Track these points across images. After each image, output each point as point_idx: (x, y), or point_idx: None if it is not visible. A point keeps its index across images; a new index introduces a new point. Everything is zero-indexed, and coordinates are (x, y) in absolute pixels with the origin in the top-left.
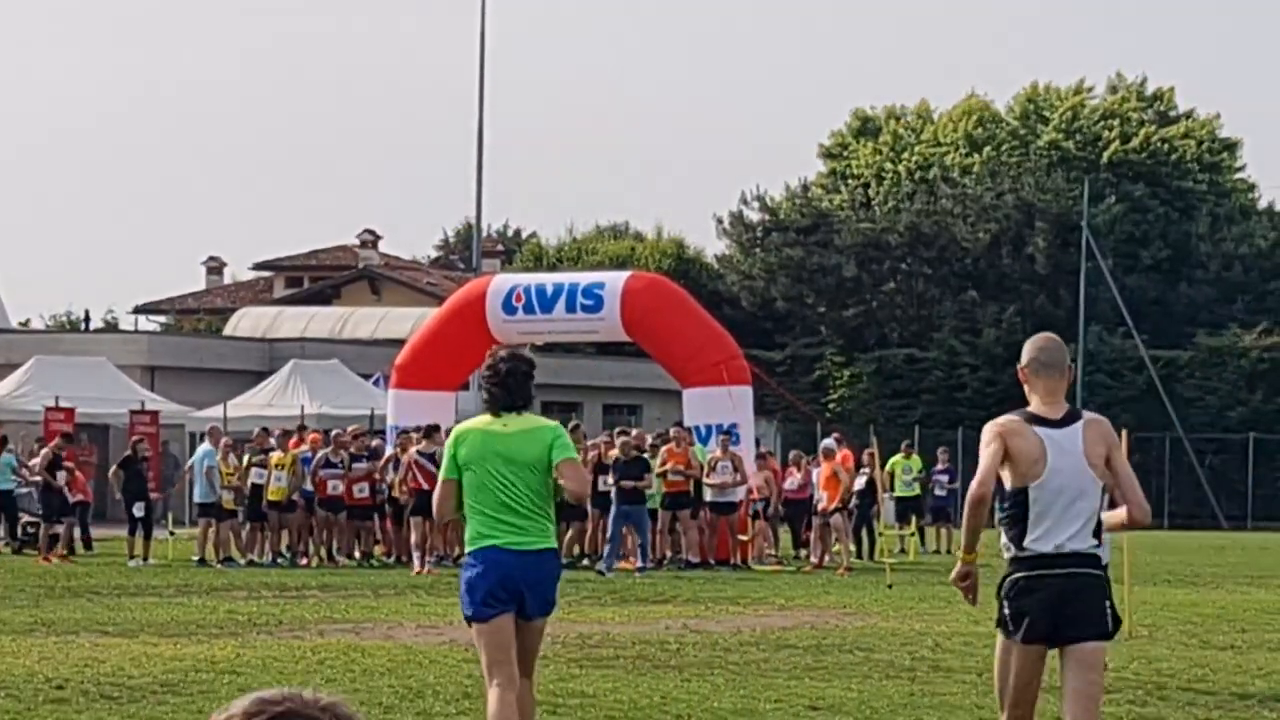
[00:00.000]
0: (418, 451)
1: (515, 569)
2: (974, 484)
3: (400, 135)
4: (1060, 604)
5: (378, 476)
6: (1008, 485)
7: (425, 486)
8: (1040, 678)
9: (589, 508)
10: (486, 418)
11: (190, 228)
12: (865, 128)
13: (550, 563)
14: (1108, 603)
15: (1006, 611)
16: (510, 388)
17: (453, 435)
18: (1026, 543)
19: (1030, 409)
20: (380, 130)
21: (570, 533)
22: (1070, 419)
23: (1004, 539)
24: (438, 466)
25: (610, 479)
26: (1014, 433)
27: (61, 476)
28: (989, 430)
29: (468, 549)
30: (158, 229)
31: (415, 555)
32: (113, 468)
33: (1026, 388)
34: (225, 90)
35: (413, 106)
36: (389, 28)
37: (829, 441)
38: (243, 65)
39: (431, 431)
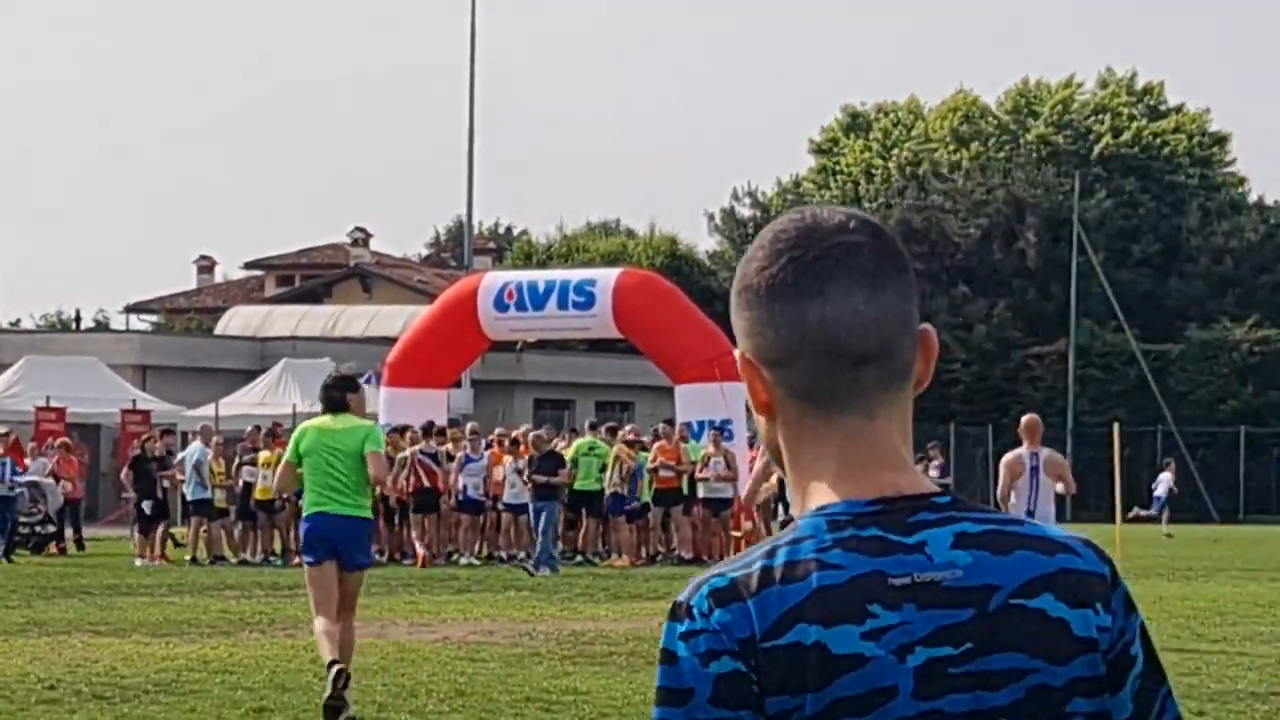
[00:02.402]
0: (421, 451)
1: (335, 528)
2: None
3: (391, 133)
4: None
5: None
6: None
7: (427, 484)
8: None
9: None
10: (324, 418)
11: (181, 227)
12: (855, 124)
13: (361, 526)
14: None
15: None
16: (335, 398)
17: (298, 430)
18: None
19: None
20: (371, 129)
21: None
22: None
23: None
24: (438, 464)
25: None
26: None
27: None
28: None
29: (304, 513)
30: (149, 228)
31: (418, 546)
32: (124, 468)
33: None
34: (217, 89)
35: (403, 105)
36: (380, 26)
37: None
38: (234, 65)
39: (430, 429)
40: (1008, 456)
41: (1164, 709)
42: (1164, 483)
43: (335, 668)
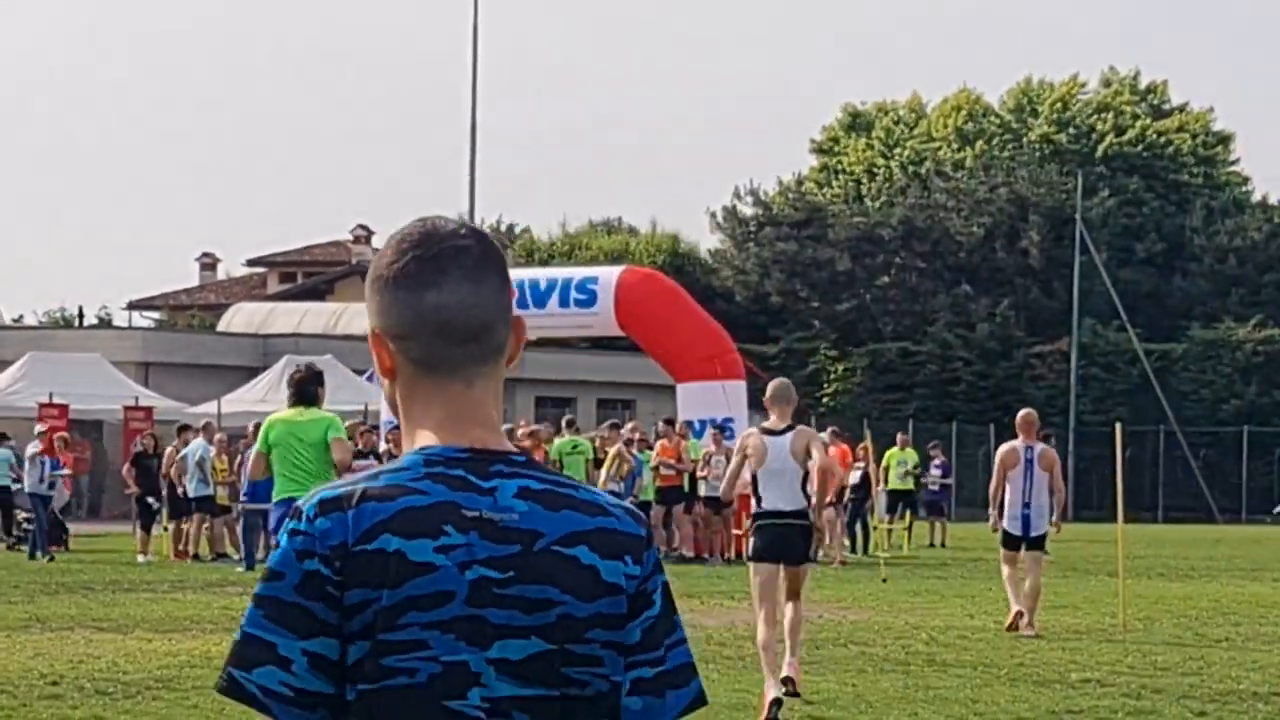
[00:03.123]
0: None
1: None
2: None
3: (393, 130)
4: (778, 540)
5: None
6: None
7: None
8: (774, 585)
9: None
10: (290, 410)
11: (184, 224)
12: (855, 123)
13: None
14: (807, 537)
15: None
16: (310, 391)
17: (265, 423)
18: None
19: (766, 424)
20: (373, 125)
21: None
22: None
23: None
24: None
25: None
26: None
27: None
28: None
29: (274, 499)
30: (151, 225)
31: None
32: (125, 464)
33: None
34: (219, 86)
35: (406, 101)
36: (381, 22)
37: (823, 435)
38: (236, 61)
39: None
40: (1002, 448)
41: (673, 654)
42: None
43: None
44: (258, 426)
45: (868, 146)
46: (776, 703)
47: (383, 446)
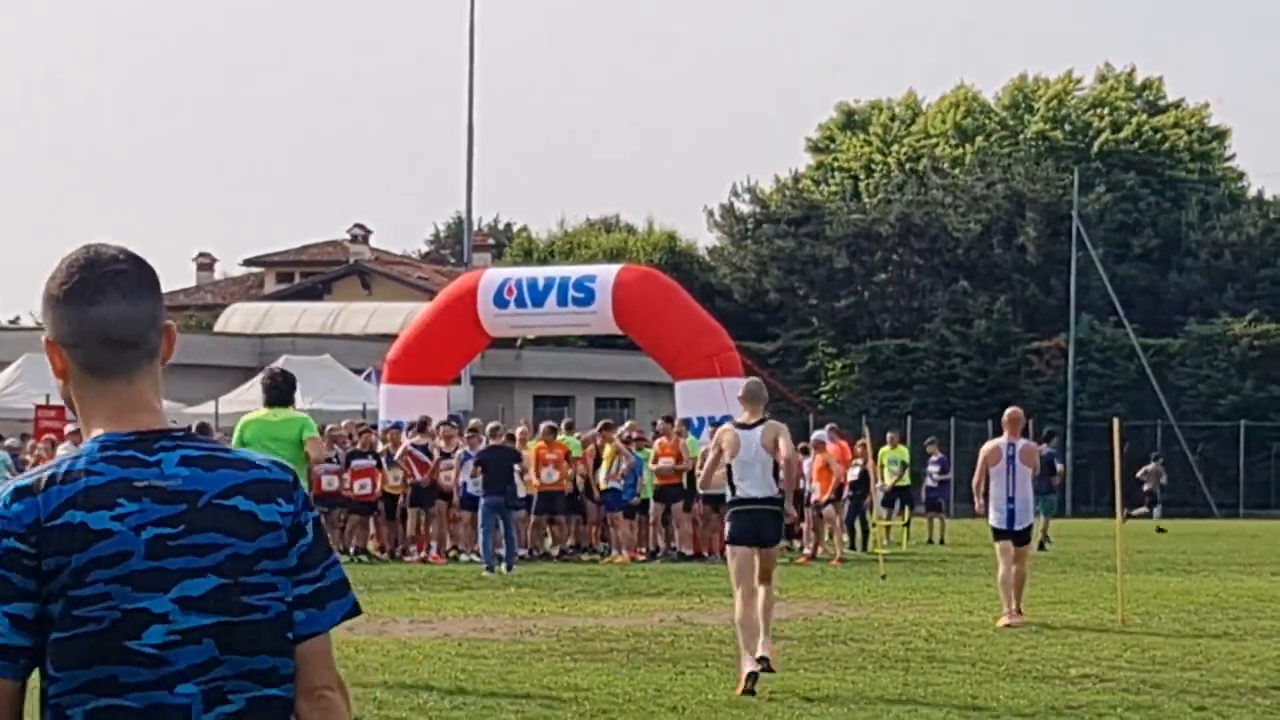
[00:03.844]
0: (412, 444)
1: None
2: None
3: (390, 130)
4: (753, 525)
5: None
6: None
7: (417, 477)
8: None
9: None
10: (263, 410)
11: (180, 224)
12: (850, 121)
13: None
14: (779, 522)
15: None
16: (284, 394)
17: (240, 423)
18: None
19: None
20: (370, 125)
21: (553, 527)
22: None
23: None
24: (430, 457)
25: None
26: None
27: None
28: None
29: None
30: (148, 226)
31: (416, 544)
32: None
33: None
34: (216, 87)
35: (403, 101)
36: (378, 22)
37: (819, 433)
38: (233, 62)
39: (424, 424)
40: (986, 445)
41: (329, 573)
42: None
43: None
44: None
45: (864, 144)
46: (752, 676)
47: (380, 447)
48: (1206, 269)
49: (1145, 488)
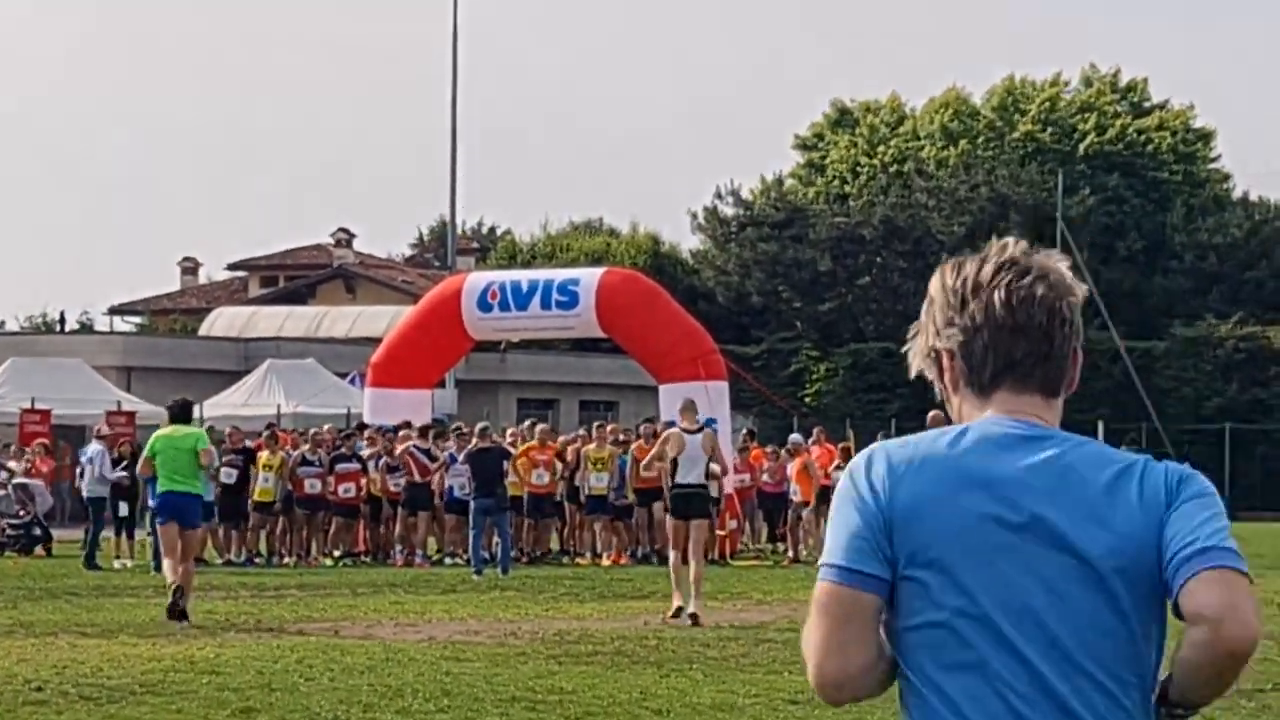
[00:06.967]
0: (414, 445)
1: (177, 501)
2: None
3: (374, 134)
4: (688, 503)
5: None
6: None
7: (418, 479)
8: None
9: (566, 504)
10: (170, 427)
11: (165, 228)
12: (843, 119)
13: (194, 499)
14: (705, 502)
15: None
16: (180, 414)
17: (153, 437)
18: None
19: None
20: (354, 129)
21: (536, 530)
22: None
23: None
24: (431, 460)
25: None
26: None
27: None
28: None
29: (158, 491)
30: (132, 230)
31: (405, 546)
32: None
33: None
34: (199, 90)
35: (386, 105)
36: (361, 25)
37: (796, 436)
38: (216, 65)
39: (425, 430)
40: None
41: None
42: None
43: (175, 586)
44: (236, 430)
45: (851, 144)
46: (679, 611)
47: (365, 451)
48: (1192, 271)
49: None
